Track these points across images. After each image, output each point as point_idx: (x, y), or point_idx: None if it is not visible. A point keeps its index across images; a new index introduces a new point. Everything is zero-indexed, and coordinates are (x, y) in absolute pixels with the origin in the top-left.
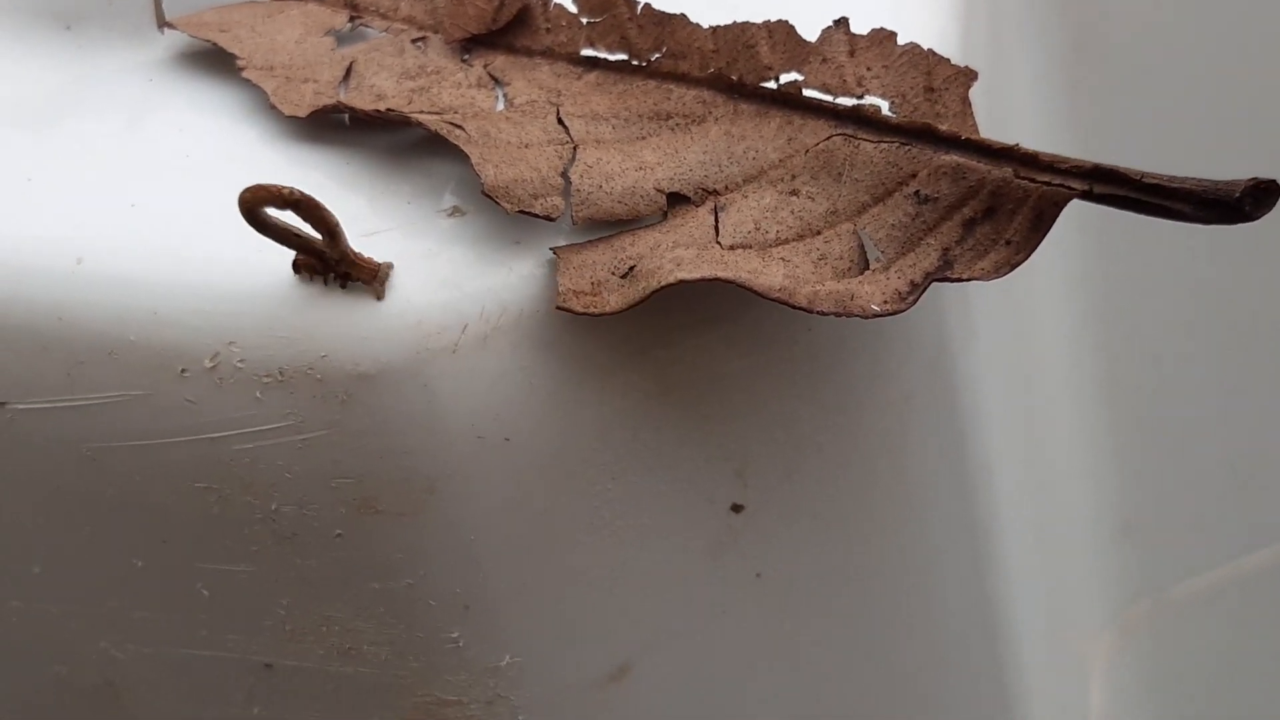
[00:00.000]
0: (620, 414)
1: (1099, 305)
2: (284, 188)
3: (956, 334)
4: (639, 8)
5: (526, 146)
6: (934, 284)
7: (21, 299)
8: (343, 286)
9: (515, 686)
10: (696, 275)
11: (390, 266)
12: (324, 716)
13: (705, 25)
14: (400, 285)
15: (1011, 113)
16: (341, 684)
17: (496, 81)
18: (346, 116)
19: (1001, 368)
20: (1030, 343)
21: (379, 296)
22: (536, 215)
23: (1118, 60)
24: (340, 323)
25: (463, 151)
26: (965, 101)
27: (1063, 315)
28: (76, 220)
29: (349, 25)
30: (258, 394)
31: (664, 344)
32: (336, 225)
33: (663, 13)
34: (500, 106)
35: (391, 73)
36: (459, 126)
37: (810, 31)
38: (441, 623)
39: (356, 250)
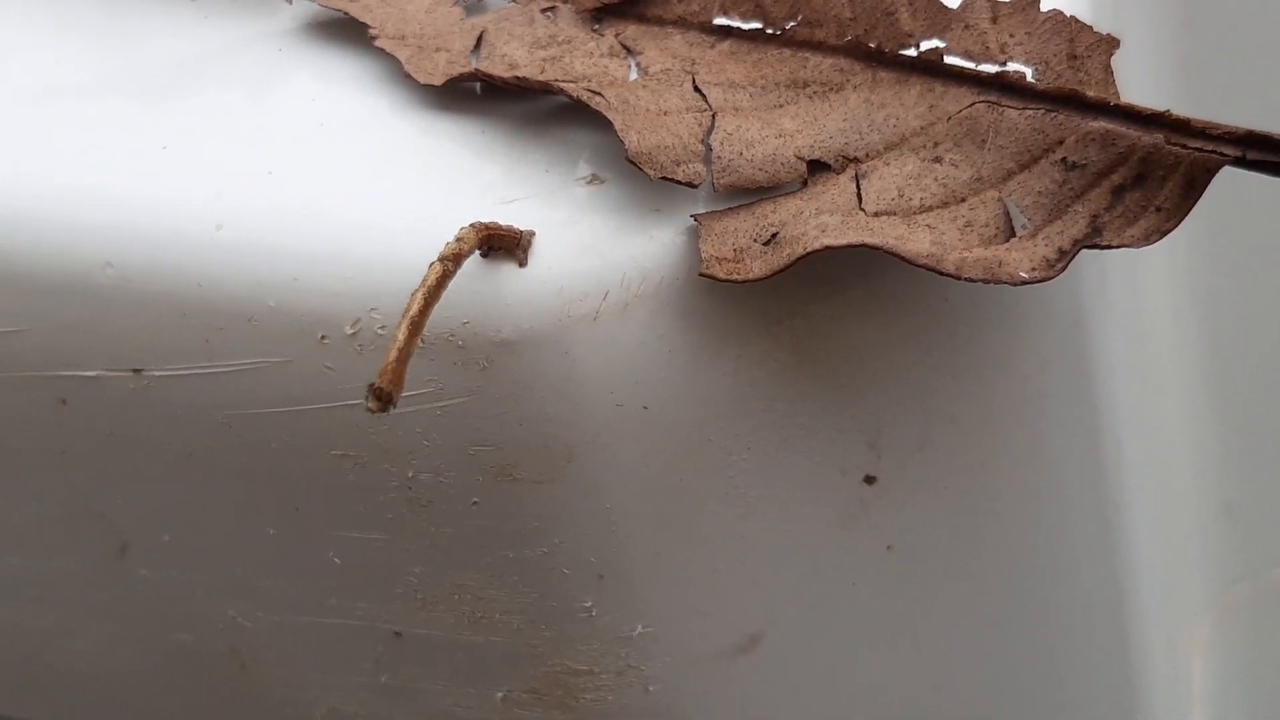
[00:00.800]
0: (756, 383)
1: (1207, 282)
2: (476, 231)
3: (1091, 304)
4: None
5: (665, 114)
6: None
7: (161, 266)
8: (484, 255)
9: (646, 656)
10: (843, 242)
11: (533, 234)
12: (452, 684)
13: None
14: (541, 253)
15: (1129, 82)
16: (471, 652)
17: (628, 51)
18: (478, 85)
19: (1130, 341)
20: (1145, 318)
21: (521, 264)
22: (679, 182)
23: (1231, 33)
24: (482, 289)
25: (597, 119)
26: (1108, 69)
27: (1172, 291)
28: (214, 188)
29: None
30: None
31: (800, 314)
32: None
33: None
34: (634, 76)
35: (523, 42)
36: (598, 94)
37: None
38: (575, 591)
39: (495, 220)
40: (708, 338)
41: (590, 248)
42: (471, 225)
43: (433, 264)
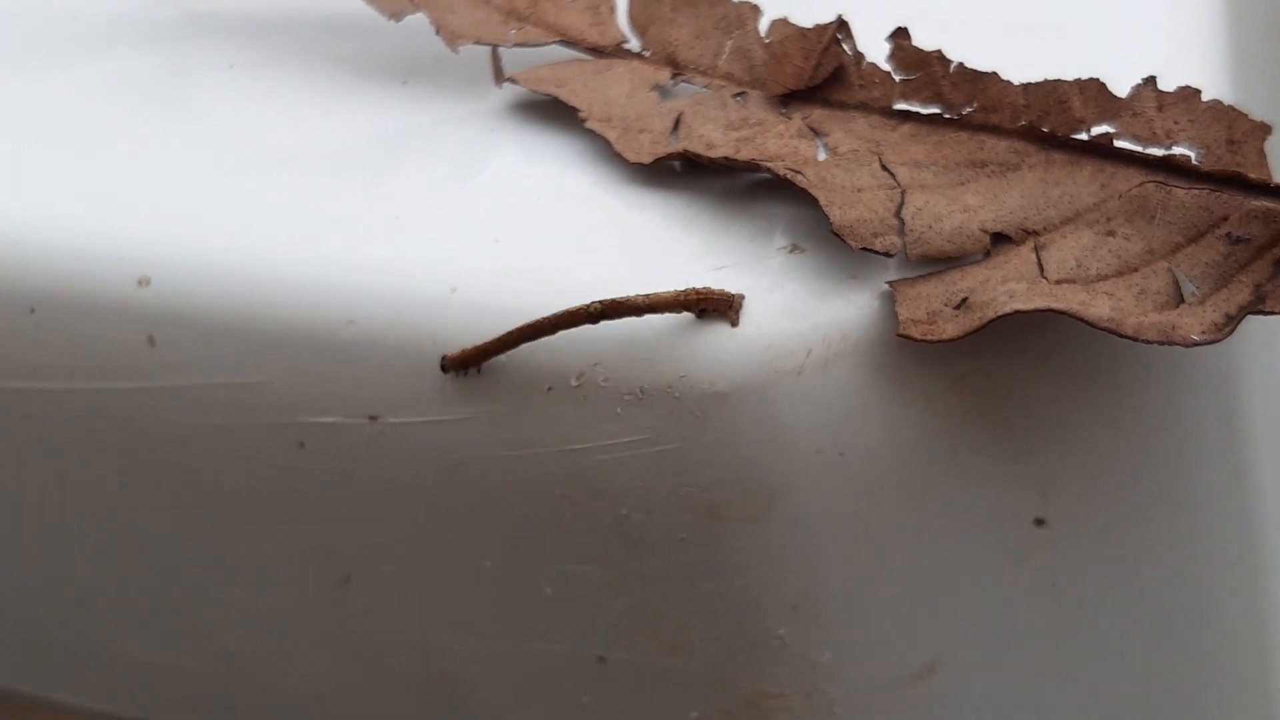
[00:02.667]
0: (941, 433)
1: None
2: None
3: (1242, 361)
4: (952, 66)
5: (860, 190)
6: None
7: (400, 322)
8: (699, 316)
9: (833, 681)
10: (1031, 306)
11: (742, 298)
12: (651, 707)
13: (1015, 82)
14: (750, 314)
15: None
16: (670, 676)
17: (815, 133)
18: (678, 163)
19: (1274, 393)
20: None
21: (734, 324)
22: (876, 252)
23: None
24: (698, 347)
25: (790, 194)
26: (1262, 152)
27: None
28: (446, 254)
29: (671, 81)
30: (618, 410)
31: (982, 371)
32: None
33: (975, 70)
34: (822, 155)
35: (717, 124)
36: (799, 172)
37: (1117, 87)
38: (770, 621)
39: (708, 285)
40: (899, 391)
41: (794, 310)
42: (681, 290)
43: (593, 303)
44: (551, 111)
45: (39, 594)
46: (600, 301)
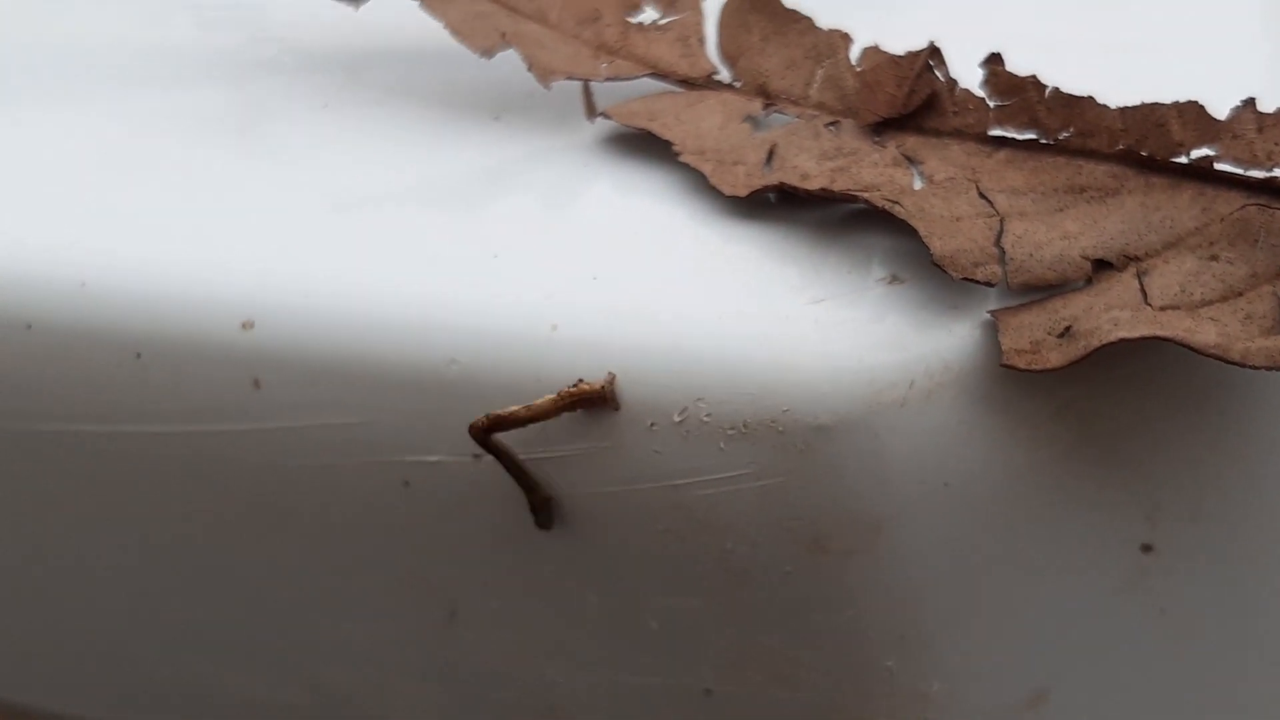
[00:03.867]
0: (1046, 462)
1: None
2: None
3: None
4: (1047, 91)
5: (958, 219)
6: None
7: (502, 362)
8: (579, 409)
9: (941, 712)
10: (1136, 334)
11: (613, 377)
12: None
13: (1112, 106)
14: (853, 345)
15: None
16: (777, 708)
17: (910, 161)
18: (773, 195)
19: None
20: None
21: (615, 408)
22: (978, 282)
23: None
24: (802, 380)
25: (887, 224)
26: None
27: None
28: (545, 291)
29: (763, 112)
30: (722, 445)
31: (1085, 398)
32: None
33: (1071, 94)
34: (918, 184)
35: (811, 154)
36: (896, 202)
37: (1217, 110)
38: (877, 652)
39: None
40: (1002, 421)
41: (896, 341)
42: (556, 396)
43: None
44: (644, 145)
45: (142, 632)
46: (486, 415)
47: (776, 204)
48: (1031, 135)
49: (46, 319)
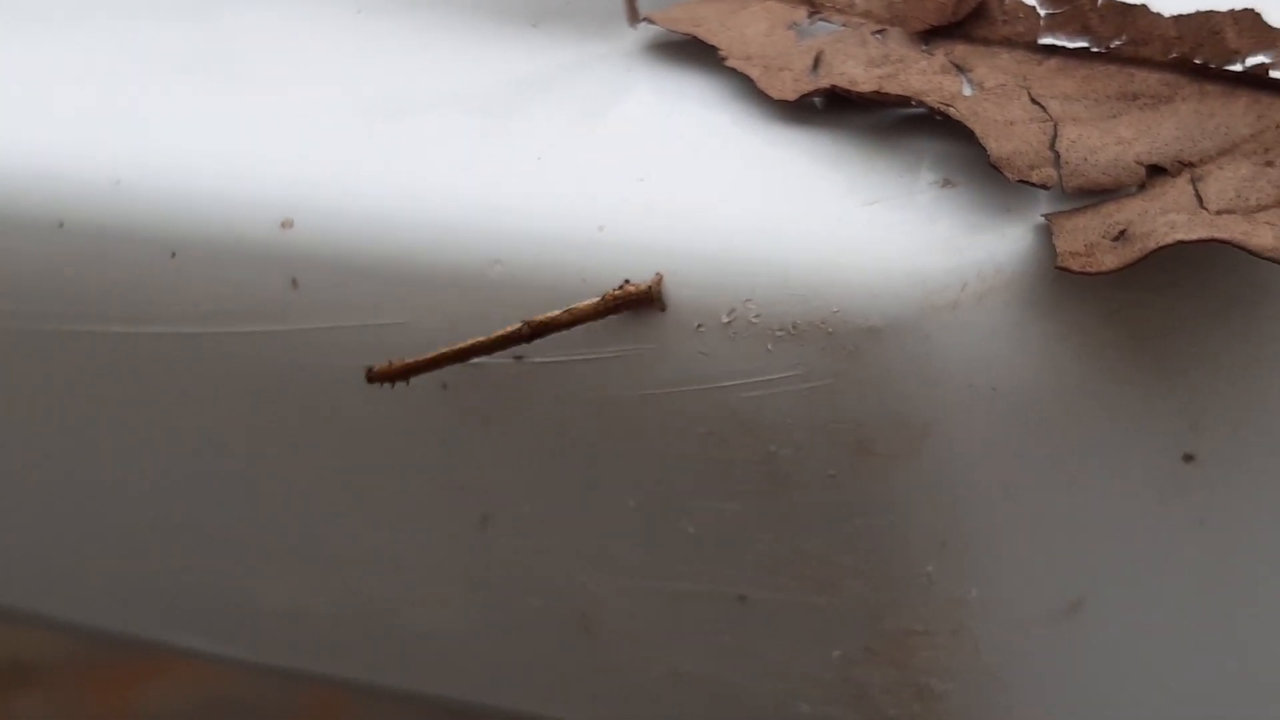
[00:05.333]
0: (1095, 369)
1: None
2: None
3: None
4: None
5: (1012, 124)
6: None
7: (546, 263)
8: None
9: (978, 618)
10: (1194, 236)
11: (660, 279)
12: (791, 644)
13: (1166, 14)
14: (905, 248)
15: None
16: (813, 614)
17: (959, 69)
18: (819, 100)
19: None
20: None
21: (661, 309)
22: (1034, 184)
23: None
24: (853, 281)
25: (936, 129)
26: None
27: None
28: (590, 192)
29: (808, 20)
30: (769, 346)
31: (1136, 304)
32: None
33: (1124, 3)
34: (967, 91)
35: (858, 61)
36: (949, 105)
37: (1272, 17)
38: (917, 557)
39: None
40: (1053, 326)
41: (949, 243)
42: (599, 300)
43: (522, 325)
44: (687, 51)
45: (169, 537)
46: (528, 323)
47: (824, 110)
48: (1083, 43)
49: (79, 217)
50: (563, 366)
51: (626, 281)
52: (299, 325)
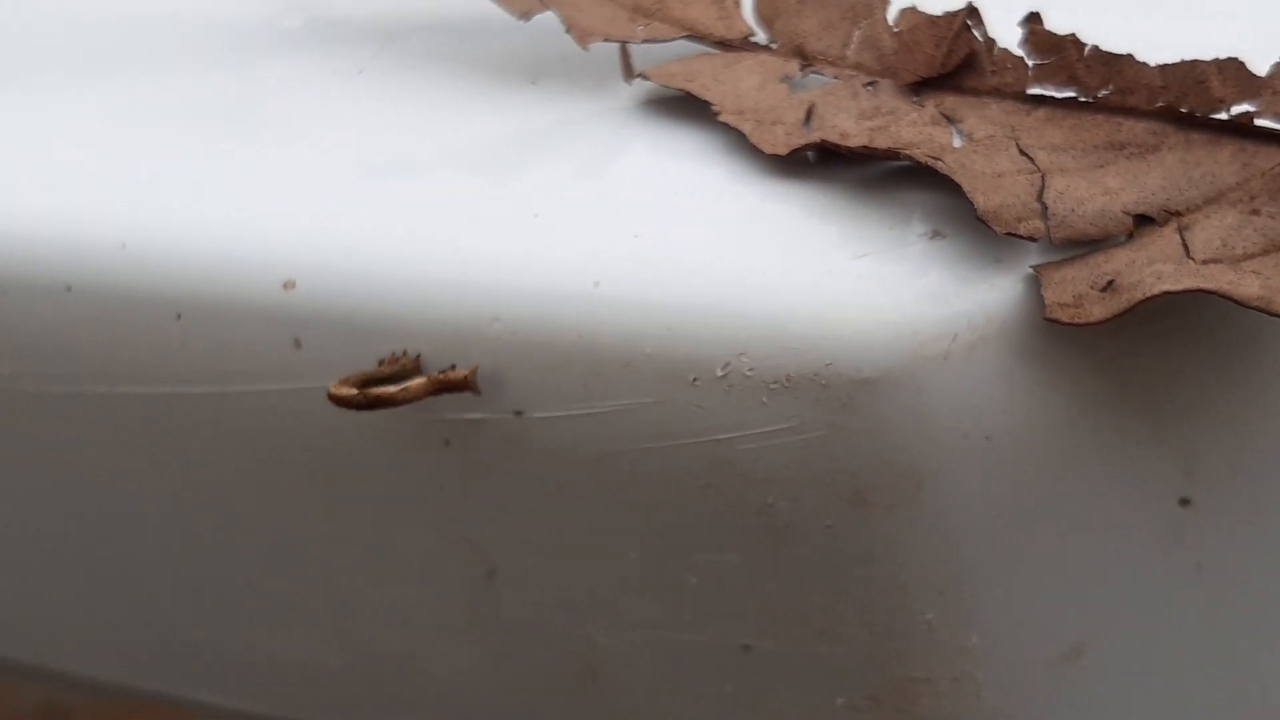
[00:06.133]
0: (1086, 416)
1: None
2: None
3: None
4: (1086, 49)
5: (1000, 176)
6: None
7: (544, 318)
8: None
9: (980, 664)
10: (1180, 287)
11: (476, 368)
12: (795, 693)
13: (1151, 64)
14: (896, 300)
15: None
16: (816, 663)
17: (949, 120)
18: (812, 154)
19: None
20: None
21: (476, 393)
22: (1021, 236)
23: None
24: (845, 334)
25: (927, 181)
26: None
27: None
28: (588, 249)
29: (801, 73)
30: (764, 399)
31: (1126, 353)
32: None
33: (1110, 52)
34: (957, 142)
35: (850, 114)
36: (938, 159)
37: (1256, 66)
38: (917, 605)
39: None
40: (1044, 375)
41: (939, 295)
42: (424, 381)
43: (358, 394)
44: (682, 107)
45: (182, 595)
46: (364, 394)
47: (815, 163)
48: (1070, 93)
49: (86, 280)
50: (561, 421)
51: (453, 366)
52: (302, 384)
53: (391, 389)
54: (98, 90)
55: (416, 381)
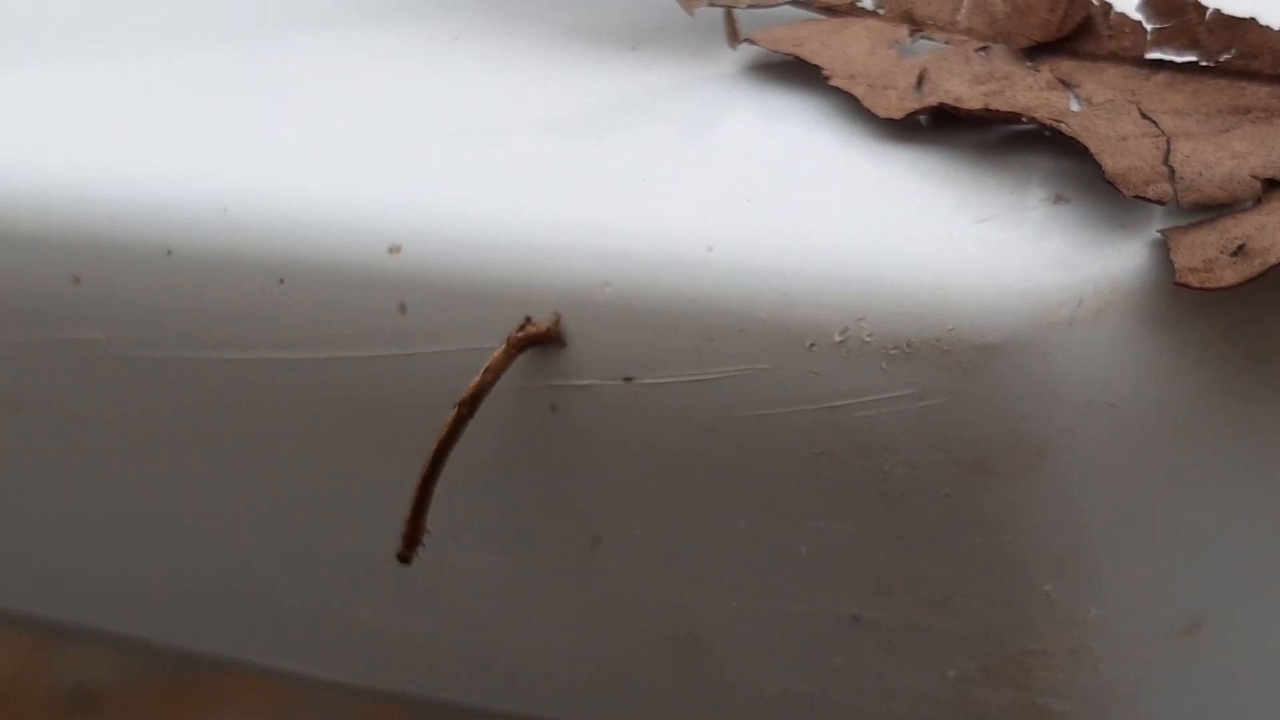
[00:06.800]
0: (1213, 383)
1: None
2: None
3: None
4: (1208, 13)
5: (1124, 139)
6: None
7: (656, 283)
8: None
9: (1097, 637)
10: None
11: (558, 317)
12: (905, 665)
13: (1275, 28)
14: (1020, 265)
15: None
16: (928, 635)
17: (1065, 85)
18: (924, 118)
19: None
20: None
21: (561, 345)
22: (1149, 199)
23: None
24: (968, 299)
25: (1045, 145)
26: None
27: None
28: (700, 214)
29: (910, 38)
30: (883, 365)
31: (1253, 320)
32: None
33: (1233, 16)
34: (1075, 107)
35: (963, 78)
36: (1060, 121)
37: None
38: (1035, 576)
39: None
40: (1171, 341)
41: (1064, 260)
42: (503, 347)
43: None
44: (787, 73)
45: (274, 562)
46: (464, 403)
47: (929, 128)
48: (1191, 58)
49: (187, 245)
50: (673, 387)
51: (528, 320)
52: (408, 350)
53: (478, 378)
54: (199, 54)
55: (495, 354)
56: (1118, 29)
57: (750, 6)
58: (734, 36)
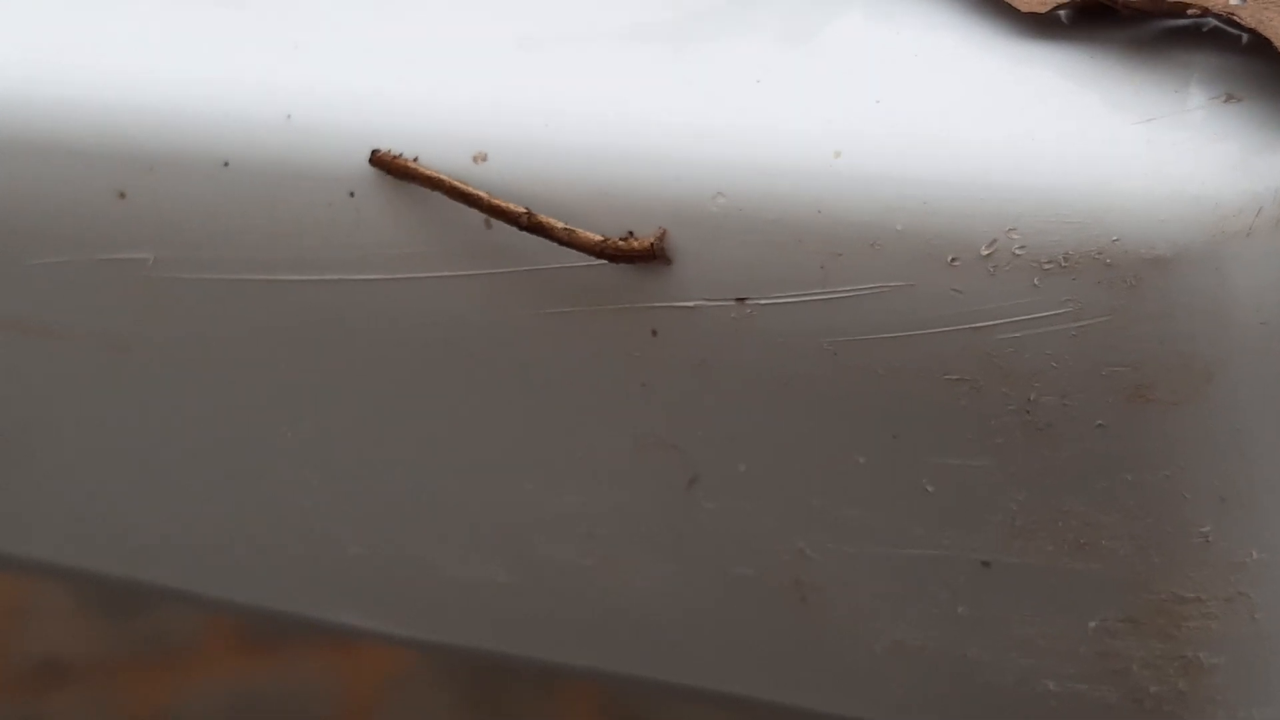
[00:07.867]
0: None
1: None
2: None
3: None
4: None
5: None
6: None
7: (775, 194)
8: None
9: (1256, 583)
10: None
11: (664, 233)
12: (1039, 614)
13: None
14: (1192, 168)
15: None
16: (1067, 580)
17: None
18: (1064, 14)
19: None
20: None
21: (667, 262)
22: None
23: None
24: (1134, 207)
25: (1206, 42)
26: None
27: None
28: (822, 117)
29: None
30: (1035, 281)
31: None
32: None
33: None
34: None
35: None
36: (1232, 13)
37: None
38: (1193, 516)
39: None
40: None
41: (1241, 164)
42: (600, 240)
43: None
44: None
45: (342, 506)
46: (529, 214)
47: (1069, 25)
48: None
49: (247, 155)
50: (791, 308)
51: (630, 234)
52: (492, 269)
53: (558, 223)
54: None
55: (588, 234)
56: None
57: None
58: None
